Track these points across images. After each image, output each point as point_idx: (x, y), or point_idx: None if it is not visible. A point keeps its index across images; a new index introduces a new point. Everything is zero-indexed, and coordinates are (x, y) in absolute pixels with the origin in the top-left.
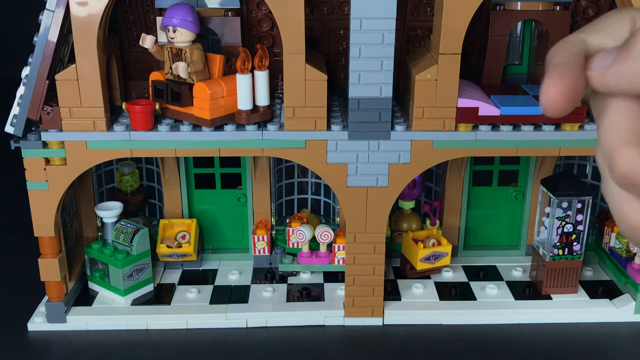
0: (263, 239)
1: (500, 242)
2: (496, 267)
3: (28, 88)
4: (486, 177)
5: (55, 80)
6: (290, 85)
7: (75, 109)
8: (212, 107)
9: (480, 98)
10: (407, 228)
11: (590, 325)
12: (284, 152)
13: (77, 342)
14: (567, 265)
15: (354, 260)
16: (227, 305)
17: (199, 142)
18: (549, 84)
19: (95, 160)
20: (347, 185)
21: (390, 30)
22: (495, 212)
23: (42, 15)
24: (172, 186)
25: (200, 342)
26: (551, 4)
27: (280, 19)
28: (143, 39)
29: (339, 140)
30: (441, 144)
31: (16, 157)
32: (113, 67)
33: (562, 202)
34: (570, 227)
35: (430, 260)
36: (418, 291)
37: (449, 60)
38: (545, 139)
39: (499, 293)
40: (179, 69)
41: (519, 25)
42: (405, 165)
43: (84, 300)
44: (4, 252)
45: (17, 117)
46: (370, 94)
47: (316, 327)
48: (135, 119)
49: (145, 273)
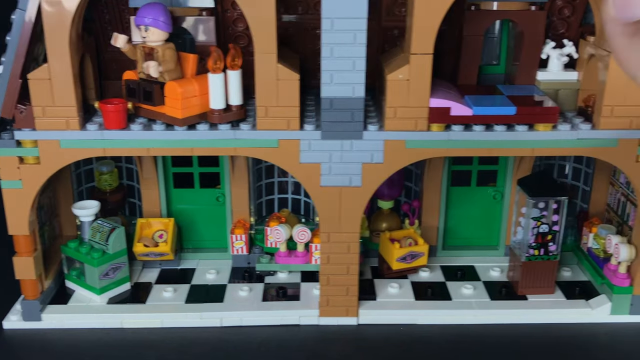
0: (241, 238)
1: (479, 242)
2: (474, 267)
3: (1, 87)
4: (465, 177)
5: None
6: (262, 84)
7: (48, 108)
8: (183, 107)
9: (453, 98)
10: (386, 228)
11: (566, 326)
12: (257, 152)
13: (52, 341)
14: (543, 266)
15: (328, 259)
16: (202, 304)
17: (171, 141)
18: None
19: (68, 159)
20: (320, 184)
21: (361, 30)
22: (474, 212)
23: (14, 15)
24: (150, 185)
25: (175, 341)
26: (526, 4)
27: (251, 18)
28: (115, 38)
29: (312, 140)
30: (414, 143)
31: None
32: (88, 67)
33: (539, 203)
34: (546, 227)
35: (406, 260)
36: (394, 291)
37: (421, 60)
38: (518, 139)
39: (474, 293)
40: (149, 68)
41: (496, 25)
42: (378, 165)
43: (60, 299)
44: None
45: None
46: (343, 93)
47: (291, 327)
48: (108, 118)
49: (122, 272)
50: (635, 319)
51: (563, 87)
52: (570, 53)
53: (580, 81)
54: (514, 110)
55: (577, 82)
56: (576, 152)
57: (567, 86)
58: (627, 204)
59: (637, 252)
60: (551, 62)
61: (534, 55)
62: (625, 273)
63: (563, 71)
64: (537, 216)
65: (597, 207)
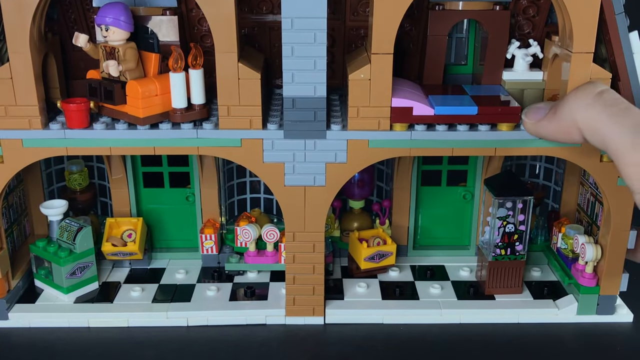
0: (211, 238)
1: (449, 242)
2: (444, 267)
3: None
4: (435, 176)
5: None
6: (223, 83)
7: (10, 107)
8: (144, 105)
9: (416, 98)
10: (357, 227)
11: (532, 326)
12: (220, 151)
13: (17, 340)
14: (510, 266)
15: (293, 259)
16: (169, 304)
17: (133, 141)
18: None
19: (31, 158)
20: (284, 184)
21: (321, 30)
22: (444, 212)
23: None
24: (120, 185)
25: (140, 341)
26: (491, 4)
27: (210, 17)
28: (76, 37)
29: (275, 140)
30: (377, 143)
31: None
32: (52, 66)
33: (505, 203)
34: (512, 227)
35: (374, 259)
36: (362, 290)
37: (382, 60)
38: (480, 139)
39: (442, 293)
40: (109, 67)
41: (464, 25)
42: (342, 165)
43: (28, 298)
44: None
45: None
46: (305, 93)
47: (257, 326)
48: (70, 117)
49: (90, 271)
50: (601, 318)
51: (528, 87)
52: (535, 53)
53: (546, 81)
54: (475, 110)
55: (542, 81)
56: (539, 152)
57: (532, 86)
58: (595, 204)
59: (604, 252)
60: (516, 62)
61: (499, 55)
62: (591, 273)
63: (528, 71)
64: (502, 216)
65: (568, 207)
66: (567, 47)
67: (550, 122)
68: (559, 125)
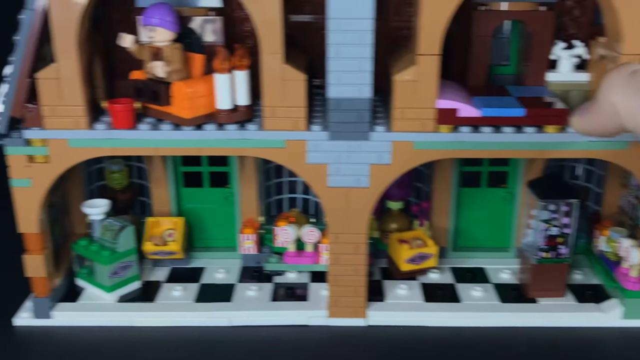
0: (250, 237)
1: (490, 244)
2: (484, 269)
3: (10, 86)
4: (475, 178)
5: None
6: (268, 85)
7: (56, 107)
8: (190, 106)
9: (461, 99)
10: (396, 229)
11: (576, 330)
12: (263, 152)
13: (61, 338)
14: (554, 269)
15: (336, 260)
16: (211, 303)
17: (178, 141)
18: None
19: (77, 158)
20: (327, 185)
21: (367, 31)
22: (485, 214)
23: (23, 15)
24: (160, 184)
25: (183, 340)
26: (535, 5)
27: (256, 18)
28: (122, 38)
29: (319, 141)
30: (421, 145)
31: None
32: (96, 66)
33: (549, 205)
34: (556, 230)
35: (415, 261)
36: (403, 292)
37: (428, 61)
38: (526, 141)
39: (484, 295)
40: (156, 68)
41: (506, 26)
42: (386, 166)
43: (71, 297)
44: None
45: (1, 115)
46: (349, 94)
47: (299, 327)
48: (115, 117)
49: (132, 270)
50: None
51: (573, 89)
52: (580, 54)
53: (591, 82)
54: (522, 111)
55: (587, 83)
56: (586, 155)
57: (577, 87)
58: (639, 206)
59: None
60: (561, 63)
61: (543, 56)
62: (636, 277)
63: (573, 72)
64: (547, 219)
65: (610, 210)
66: (615, 48)
67: (592, 113)
68: (599, 115)
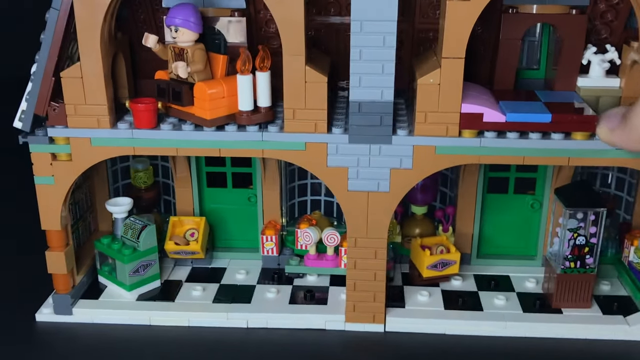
0: (272, 239)
1: (515, 251)
2: (509, 277)
3: (35, 85)
4: (502, 184)
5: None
6: (290, 86)
7: (79, 106)
8: (211, 107)
9: (486, 104)
10: (419, 234)
11: (601, 343)
12: (284, 154)
13: (81, 335)
14: (579, 279)
15: (355, 265)
16: (229, 304)
17: (199, 142)
18: None
19: (99, 156)
20: (347, 189)
21: (391, 33)
22: (511, 221)
23: (48, 14)
24: (183, 184)
25: (200, 340)
26: (567, 8)
27: (279, 19)
28: (146, 38)
29: (340, 144)
30: (444, 149)
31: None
32: (121, 65)
33: (576, 214)
34: (582, 239)
35: (437, 267)
36: (423, 299)
37: (453, 64)
38: (553, 148)
39: (507, 304)
40: (178, 69)
41: (537, 29)
42: (407, 171)
43: (92, 294)
44: (21, 242)
45: (25, 113)
46: (371, 97)
47: (317, 331)
48: (138, 117)
49: (152, 269)
50: None
51: (604, 94)
52: (612, 59)
53: (623, 88)
54: (549, 117)
55: (619, 89)
56: (614, 163)
57: (608, 93)
58: None
59: None
60: (592, 67)
61: (574, 61)
62: None
63: (604, 77)
64: (573, 227)
65: None
66: None
67: (623, 131)
68: (630, 135)
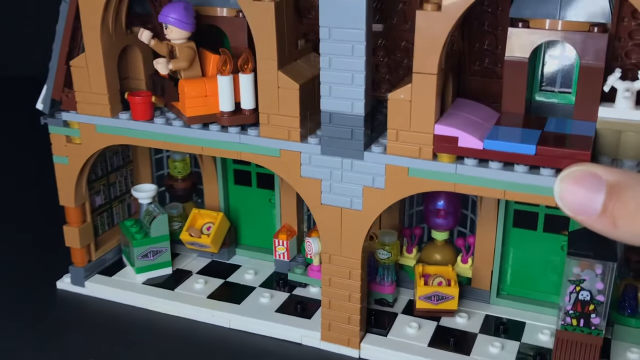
0: (283, 244)
1: (540, 296)
2: (524, 324)
3: (51, 71)
4: (530, 219)
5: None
6: (264, 91)
7: (86, 94)
8: (190, 105)
9: (468, 127)
10: (440, 261)
11: None
12: (260, 159)
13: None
14: (583, 340)
15: (329, 282)
16: (219, 302)
17: (185, 138)
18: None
19: (103, 143)
20: (321, 202)
21: (360, 42)
22: (538, 261)
23: (61, 6)
24: (210, 179)
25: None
26: (586, 24)
27: (252, 23)
28: (140, 33)
29: (313, 154)
30: (417, 172)
31: None
32: (136, 58)
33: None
34: (586, 294)
35: (432, 300)
36: (411, 331)
37: (424, 80)
38: (538, 185)
39: (500, 354)
40: (157, 65)
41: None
42: (379, 191)
43: (109, 271)
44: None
45: (45, 96)
46: (342, 109)
47: (293, 344)
48: (134, 109)
49: (163, 256)
50: None
51: (628, 129)
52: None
53: None
54: (533, 149)
55: None
56: None
57: (633, 129)
58: None
59: None
60: (618, 96)
61: (593, 87)
62: None
63: (632, 109)
64: (575, 279)
65: None
66: None
67: (621, 222)
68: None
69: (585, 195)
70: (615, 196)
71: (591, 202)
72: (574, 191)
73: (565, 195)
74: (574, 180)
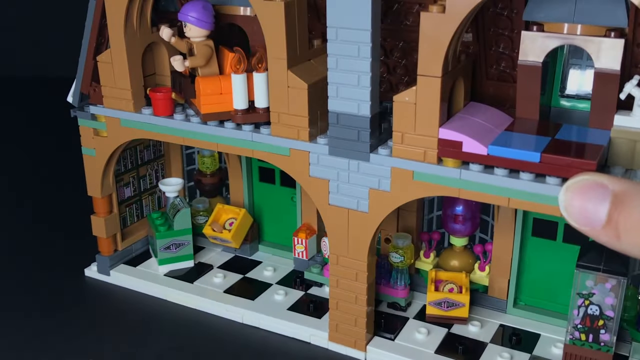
0: (302, 242)
1: (558, 308)
2: (539, 335)
3: (80, 66)
4: (549, 228)
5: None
6: (274, 90)
7: (111, 89)
8: (204, 102)
9: (475, 132)
10: (458, 267)
11: None
12: (271, 157)
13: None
14: (591, 356)
15: (337, 283)
16: (234, 297)
17: (201, 135)
18: None
19: (127, 137)
20: (328, 202)
21: (365, 43)
22: (557, 272)
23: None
24: (235, 175)
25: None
26: (603, 29)
27: (262, 22)
28: (161, 30)
29: (321, 154)
30: (422, 176)
31: None
32: (162, 55)
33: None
34: (596, 309)
35: (442, 306)
36: (420, 336)
37: (428, 83)
38: (544, 194)
39: None
40: (173, 62)
41: None
42: (385, 193)
43: (135, 261)
44: None
45: (75, 90)
46: (348, 109)
47: (303, 343)
48: (155, 105)
49: (185, 249)
50: None
51: None
52: None
53: None
54: (537, 156)
55: None
56: None
57: None
58: None
59: None
60: (635, 104)
61: (609, 94)
62: None
63: None
64: (584, 293)
65: None
66: None
67: (623, 234)
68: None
69: (590, 206)
70: (620, 206)
71: (596, 213)
72: (579, 201)
73: (570, 205)
74: (579, 190)
